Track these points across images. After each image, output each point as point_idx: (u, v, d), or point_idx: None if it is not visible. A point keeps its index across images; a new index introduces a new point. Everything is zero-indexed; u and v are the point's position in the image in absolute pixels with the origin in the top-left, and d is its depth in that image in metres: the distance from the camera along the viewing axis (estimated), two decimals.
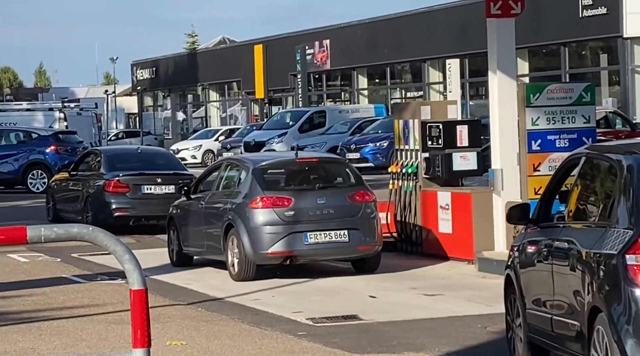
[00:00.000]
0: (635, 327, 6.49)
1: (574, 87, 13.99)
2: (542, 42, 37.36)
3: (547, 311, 7.72)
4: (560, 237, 7.59)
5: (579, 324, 7.11)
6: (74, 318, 11.22)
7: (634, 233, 6.62)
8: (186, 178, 19.77)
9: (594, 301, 6.86)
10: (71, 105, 39.10)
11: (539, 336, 7.95)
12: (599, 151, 7.74)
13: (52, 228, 4.32)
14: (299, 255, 13.67)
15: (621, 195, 6.90)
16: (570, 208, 7.76)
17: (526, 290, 8.13)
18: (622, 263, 6.58)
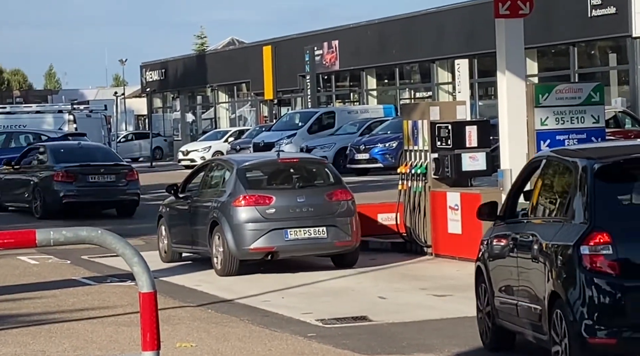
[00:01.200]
0: (589, 309, 7.32)
1: (582, 87, 13.97)
2: (551, 42, 37.29)
3: (513, 298, 8.50)
4: (524, 231, 8.42)
5: (540, 308, 7.87)
6: (84, 321, 11.24)
7: (588, 227, 7.44)
8: (125, 168, 23.48)
9: (553, 288, 7.63)
10: (80, 107, 39.15)
11: (506, 321, 8.74)
12: (558, 154, 8.55)
13: (61, 231, 4.33)
14: (279, 251, 14.39)
15: (577, 193, 7.70)
16: (533, 205, 8.55)
17: (494, 279, 8.94)
18: (578, 254, 7.41)
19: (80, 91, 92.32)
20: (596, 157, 7.89)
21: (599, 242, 7.39)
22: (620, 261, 7.34)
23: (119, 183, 23.02)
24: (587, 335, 7.35)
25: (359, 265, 14.91)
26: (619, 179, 7.73)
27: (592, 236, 7.40)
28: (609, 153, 8.13)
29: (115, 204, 23.44)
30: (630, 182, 7.75)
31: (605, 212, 7.52)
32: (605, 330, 7.34)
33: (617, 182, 7.72)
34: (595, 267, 7.38)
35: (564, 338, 7.50)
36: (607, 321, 7.34)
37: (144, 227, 20.21)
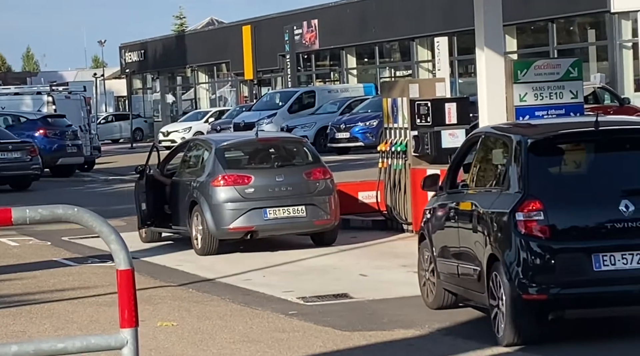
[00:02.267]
0: (523, 269, 8.13)
1: (561, 62, 14.01)
2: (530, 18, 37.32)
3: (454, 261, 9.32)
4: (464, 200, 9.23)
5: (479, 269, 8.69)
6: (65, 301, 11.22)
7: (522, 196, 8.22)
8: (28, 145, 26.98)
9: (491, 251, 8.44)
10: (59, 89, 38.99)
11: (448, 282, 9.60)
12: (496, 130, 9.37)
13: (37, 209, 4.32)
14: (258, 230, 14.44)
15: (512, 165, 8.49)
16: (472, 177, 9.38)
17: (436, 244, 9.75)
18: (513, 220, 8.18)
19: (60, 73, 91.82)
20: (529, 133, 8.67)
21: (531, 209, 8.14)
22: (551, 226, 8.11)
23: (25, 159, 26.46)
24: (521, 291, 8.12)
25: (340, 243, 14.95)
26: (549, 153, 8.50)
27: (525, 204, 8.17)
28: (541, 130, 8.93)
29: (18, 178, 26.54)
30: (559, 155, 8.59)
31: (537, 182, 8.28)
32: (537, 287, 8.09)
33: (548, 156, 8.49)
34: (528, 231, 8.13)
35: (501, 296, 8.31)
36: (538, 280, 8.10)
37: (124, 207, 20.18)
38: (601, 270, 8.04)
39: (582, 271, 8.05)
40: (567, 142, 8.66)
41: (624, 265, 8.04)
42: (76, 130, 32.84)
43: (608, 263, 8.05)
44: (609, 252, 8.06)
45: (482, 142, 9.35)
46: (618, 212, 8.10)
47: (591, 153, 8.57)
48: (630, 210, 8.08)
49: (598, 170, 8.45)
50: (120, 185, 28.36)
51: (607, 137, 8.60)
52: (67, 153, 32.03)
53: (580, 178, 8.48)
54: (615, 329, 8.95)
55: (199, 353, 8.56)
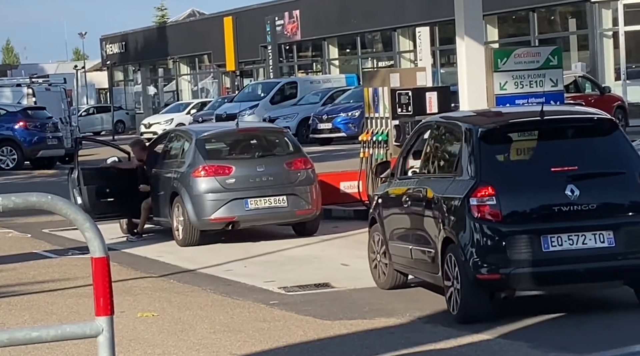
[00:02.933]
0: (477, 250, 8.59)
1: (540, 50, 14.00)
2: (511, 8, 37.36)
3: (407, 244, 9.76)
4: (417, 186, 9.65)
5: (434, 251, 9.15)
6: (45, 293, 11.17)
7: (475, 182, 8.66)
8: None
9: (446, 234, 8.88)
10: (39, 81, 38.80)
11: (400, 264, 10.08)
12: (447, 120, 9.83)
13: (10, 197, 4.27)
14: (240, 220, 14.41)
15: (464, 153, 8.94)
16: (424, 164, 9.81)
17: (389, 228, 10.17)
18: (467, 204, 8.63)
19: (40, 65, 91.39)
20: (480, 122, 9.11)
21: (484, 194, 8.59)
22: (502, 210, 8.56)
23: None
24: (475, 272, 8.58)
25: (322, 233, 14.93)
26: (499, 141, 8.93)
27: (479, 189, 8.61)
28: (490, 119, 9.35)
29: None
30: (508, 143, 8.98)
31: (489, 169, 8.74)
32: (490, 268, 8.55)
33: (498, 144, 8.92)
34: (482, 215, 8.59)
35: (456, 276, 8.76)
36: (491, 260, 8.55)
37: None
38: (549, 251, 8.49)
39: (532, 252, 8.49)
40: (515, 130, 9.07)
41: (570, 245, 8.52)
42: (57, 122, 32.70)
43: (556, 244, 8.51)
44: (556, 234, 8.51)
45: (433, 130, 9.80)
46: (564, 196, 8.55)
47: (538, 140, 8.99)
48: (575, 194, 8.55)
49: (545, 156, 8.84)
50: None
51: (552, 125, 9.05)
52: (47, 145, 31.90)
53: (529, 165, 8.90)
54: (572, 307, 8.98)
55: (180, 344, 8.53)
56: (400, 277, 10.35)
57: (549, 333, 8.49)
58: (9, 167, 31.41)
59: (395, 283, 10.40)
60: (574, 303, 9.42)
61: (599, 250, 8.53)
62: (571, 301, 9.46)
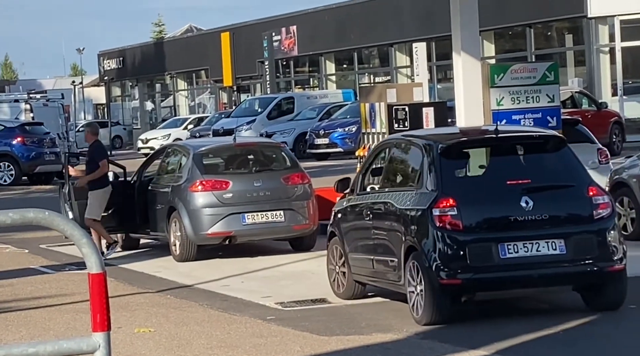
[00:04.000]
0: (440, 255, 9.19)
1: (537, 66, 14.02)
2: (507, 23, 37.45)
3: (368, 254, 10.32)
4: (378, 200, 10.26)
5: (396, 260, 9.70)
6: (42, 309, 11.16)
7: (437, 194, 9.33)
8: None
9: (410, 243, 9.47)
10: (37, 96, 38.83)
11: (360, 274, 10.62)
12: (407, 138, 10.56)
13: (7, 213, 4.28)
14: (237, 235, 14.43)
15: (425, 168, 9.61)
16: (385, 179, 10.41)
17: (348, 240, 10.80)
18: (430, 215, 9.28)
19: (38, 81, 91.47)
20: (440, 139, 9.81)
21: (446, 206, 9.24)
22: (463, 220, 9.21)
23: None
24: (438, 277, 9.19)
25: (319, 249, 14.89)
26: (457, 156, 9.67)
27: (441, 201, 9.27)
28: (449, 137, 10.10)
29: None
30: (466, 158, 9.75)
31: (449, 182, 9.44)
32: (452, 273, 9.16)
33: (457, 159, 9.67)
34: (443, 225, 9.22)
35: (419, 283, 9.37)
36: (453, 266, 9.16)
37: None
38: (506, 257, 9.16)
39: (490, 258, 9.16)
40: (472, 146, 9.87)
41: (525, 252, 9.18)
42: (54, 137, 32.71)
43: (512, 251, 9.18)
44: (512, 242, 9.18)
45: (393, 148, 10.54)
46: (519, 207, 9.24)
47: (494, 156, 9.78)
48: (529, 205, 9.24)
49: (501, 170, 9.62)
50: None
51: (506, 142, 9.83)
52: (45, 160, 31.89)
53: (486, 178, 9.64)
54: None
55: None
56: (358, 287, 10.88)
57: (545, 350, 8.49)
58: (7, 182, 31.40)
59: (354, 293, 10.92)
60: (572, 319, 9.43)
61: (551, 257, 9.20)
62: (570, 317, 9.47)
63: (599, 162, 16.21)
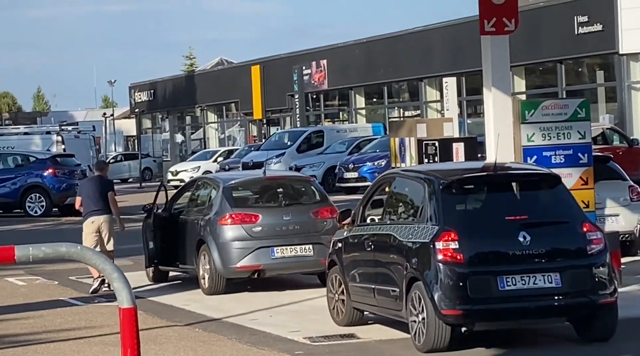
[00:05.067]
0: (441, 286, 9.63)
1: (568, 103, 13.97)
2: (538, 59, 37.41)
3: (369, 283, 10.74)
4: (379, 232, 10.66)
5: (398, 290, 10.13)
6: (71, 341, 11.18)
7: (439, 228, 9.73)
8: None
9: (412, 274, 9.86)
10: (69, 128, 39.14)
11: (360, 302, 11.07)
12: (408, 172, 11.08)
13: (40, 247, 4.30)
14: (266, 269, 14.43)
15: (428, 202, 10.02)
16: (386, 212, 10.80)
17: (349, 270, 11.23)
18: (433, 248, 9.67)
19: (70, 113, 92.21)
20: (441, 176, 10.20)
21: (448, 239, 9.63)
22: (464, 253, 9.60)
23: None
24: (440, 307, 9.58)
25: None
26: (458, 192, 10.07)
27: (443, 234, 9.66)
28: (451, 173, 10.46)
29: None
30: (466, 194, 10.19)
31: (451, 217, 9.83)
32: (452, 304, 9.56)
33: (457, 194, 10.06)
34: (445, 257, 9.62)
35: (422, 312, 9.76)
36: (454, 297, 9.56)
37: (132, 247, 20.14)
38: (505, 290, 9.58)
39: (489, 290, 9.57)
40: (473, 183, 10.30)
41: (522, 285, 9.60)
42: (85, 169, 32.90)
43: (510, 284, 9.60)
44: (511, 275, 9.60)
45: (394, 182, 10.92)
46: (518, 242, 9.66)
47: (493, 192, 10.20)
48: (527, 240, 9.66)
49: (500, 206, 10.03)
50: (129, 225, 28.29)
51: (505, 179, 10.31)
52: (75, 192, 32.04)
53: (486, 213, 10.07)
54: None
55: None
56: (356, 314, 11.38)
57: None
58: (38, 213, 31.58)
59: (352, 320, 11.43)
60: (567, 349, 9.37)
61: (547, 290, 9.64)
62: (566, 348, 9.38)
63: (630, 199, 16.12)
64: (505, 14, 13.98)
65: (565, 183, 13.44)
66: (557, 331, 10.56)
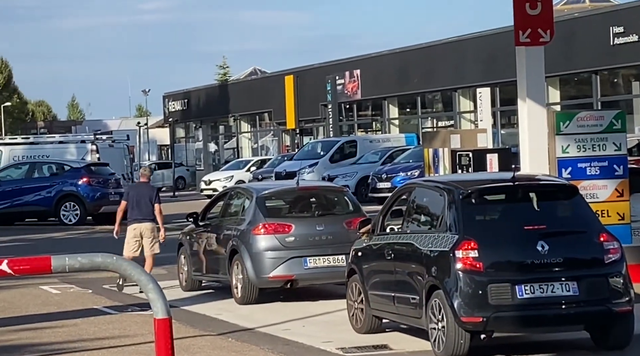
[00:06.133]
0: (461, 294, 9.80)
1: (604, 114, 13.89)
2: (573, 70, 37.23)
3: (389, 291, 10.98)
4: (399, 241, 10.93)
5: (418, 298, 10.35)
6: (105, 349, 11.23)
7: (459, 237, 9.95)
8: None
9: (432, 282, 10.08)
10: (103, 137, 39.36)
11: (380, 310, 11.31)
12: (428, 182, 11.48)
13: (76, 257, 4.33)
14: (299, 279, 14.44)
15: (448, 212, 10.25)
16: (406, 221, 11.03)
17: (368, 278, 11.48)
18: (453, 256, 9.89)
19: (104, 121, 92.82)
20: (461, 186, 10.44)
21: (468, 248, 9.84)
22: (483, 261, 9.81)
23: None
24: (460, 315, 9.76)
25: None
26: (477, 202, 10.26)
27: (463, 243, 9.86)
28: (471, 183, 10.68)
29: None
30: (486, 204, 10.41)
31: (470, 226, 10.05)
32: (472, 311, 9.74)
33: (477, 204, 10.25)
34: (466, 265, 9.82)
35: (442, 320, 9.95)
36: (473, 305, 9.75)
37: (165, 256, 20.19)
38: (523, 297, 9.75)
39: (508, 298, 9.75)
40: (492, 193, 10.53)
41: (541, 293, 9.79)
42: (119, 178, 33.08)
43: (529, 291, 9.77)
44: (529, 283, 9.78)
45: (414, 192, 11.15)
46: (536, 251, 9.85)
47: (512, 202, 10.43)
48: (545, 249, 9.85)
49: (519, 215, 10.21)
50: None
51: (523, 189, 10.48)
52: (109, 201, 32.24)
53: (505, 223, 10.23)
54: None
55: None
56: (375, 322, 11.61)
57: None
58: (72, 222, 31.76)
59: (371, 327, 11.66)
60: None
61: (565, 298, 9.82)
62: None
63: None
64: (541, 25, 13.92)
65: (600, 195, 13.42)
66: (573, 340, 10.65)
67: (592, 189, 13.35)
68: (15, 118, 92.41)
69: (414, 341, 11.20)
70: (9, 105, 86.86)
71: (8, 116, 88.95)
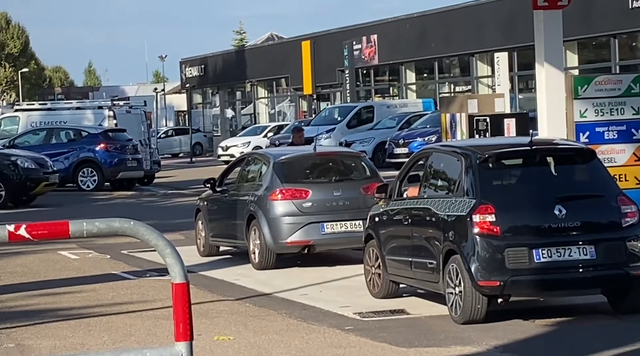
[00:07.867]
0: (478, 257, 9.85)
1: (622, 78, 13.82)
2: (591, 34, 37.00)
3: (406, 256, 11.02)
4: (417, 206, 10.96)
5: (435, 262, 10.41)
6: (123, 314, 11.30)
7: (477, 201, 9.97)
8: None
9: (449, 246, 10.13)
10: (120, 103, 39.38)
11: (397, 274, 11.37)
12: (445, 147, 11.45)
13: (94, 222, 4.34)
14: (316, 244, 14.45)
15: (465, 177, 10.25)
16: (424, 186, 11.01)
17: (386, 243, 11.52)
18: (470, 220, 9.93)
19: (121, 88, 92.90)
20: (478, 150, 10.38)
21: (485, 212, 9.86)
22: (500, 225, 9.84)
23: None
24: (477, 278, 9.83)
25: None
26: (495, 166, 10.26)
27: (480, 208, 9.90)
28: (487, 148, 10.60)
29: None
30: (503, 168, 10.41)
31: (488, 191, 10.06)
32: (490, 275, 9.80)
33: (494, 169, 10.25)
34: (483, 230, 9.86)
35: (459, 284, 10.02)
36: (491, 269, 9.80)
37: (183, 221, 20.30)
38: (540, 261, 9.78)
39: (525, 262, 9.78)
40: (509, 157, 10.51)
41: (558, 257, 9.82)
42: (136, 144, 33.14)
43: (546, 256, 9.80)
44: (546, 247, 9.80)
45: (431, 157, 11.10)
46: (553, 215, 9.87)
47: (529, 166, 10.37)
48: (562, 213, 9.88)
49: (536, 180, 10.20)
50: (180, 199, 28.54)
51: (540, 153, 10.42)
52: (127, 167, 32.35)
53: (522, 187, 10.28)
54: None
55: None
56: (392, 286, 11.67)
57: None
58: (90, 188, 31.89)
59: (388, 292, 11.71)
60: None
61: (582, 262, 9.85)
62: None
63: None
64: None
65: (618, 159, 13.37)
66: (590, 303, 10.73)
67: (610, 153, 13.30)
68: (32, 84, 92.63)
69: (431, 306, 11.24)
70: (26, 71, 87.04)
71: (25, 82, 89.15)
